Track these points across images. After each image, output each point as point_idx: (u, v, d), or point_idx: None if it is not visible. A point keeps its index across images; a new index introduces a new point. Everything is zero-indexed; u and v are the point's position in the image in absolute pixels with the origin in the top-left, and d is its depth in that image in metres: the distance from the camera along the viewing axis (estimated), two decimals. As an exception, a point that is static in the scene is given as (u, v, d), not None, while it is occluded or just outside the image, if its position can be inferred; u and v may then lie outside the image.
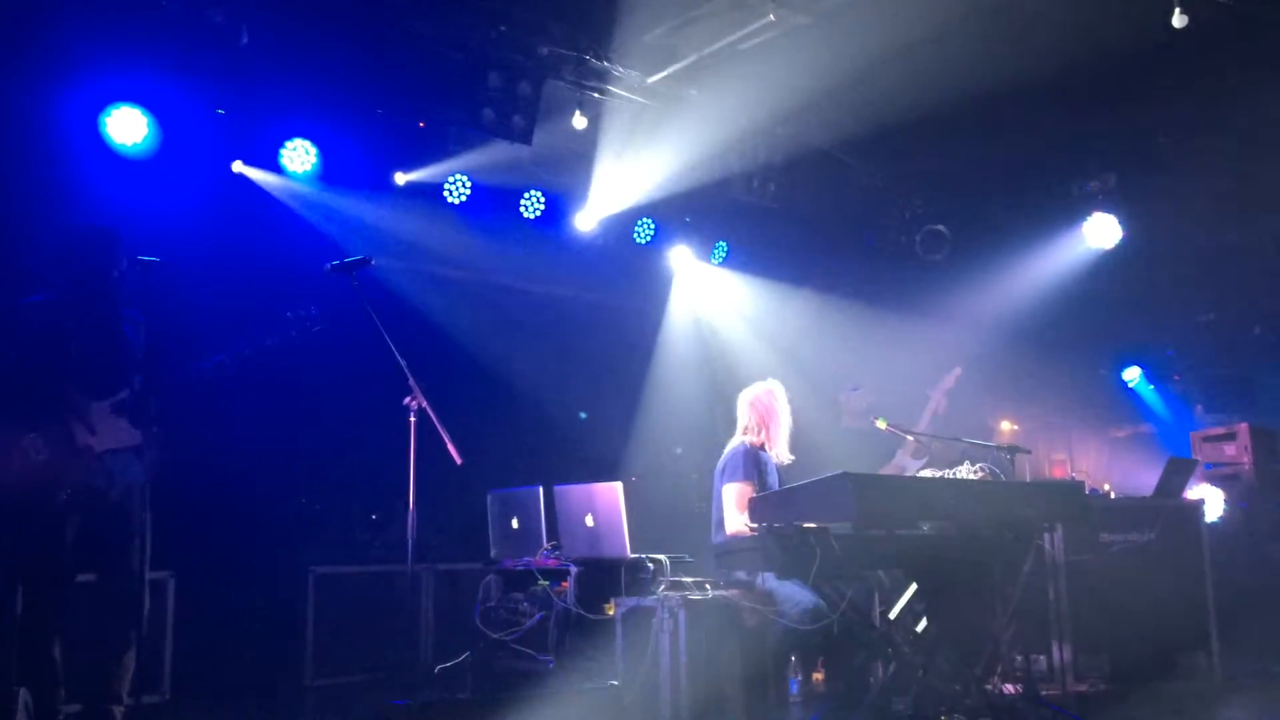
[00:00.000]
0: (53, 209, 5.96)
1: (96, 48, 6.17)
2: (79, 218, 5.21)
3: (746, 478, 5.49)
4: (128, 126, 6.44)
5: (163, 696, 6.11)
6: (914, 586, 5.25)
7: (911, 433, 6.53)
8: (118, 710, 4.70)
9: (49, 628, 4.66)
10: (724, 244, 9.29)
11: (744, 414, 5.85)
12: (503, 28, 6.95)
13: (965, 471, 5.62)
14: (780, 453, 5.73)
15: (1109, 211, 9.00)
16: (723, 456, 5.72)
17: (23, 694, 4.25)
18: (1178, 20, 6.28)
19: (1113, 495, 7.31)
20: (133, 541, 4.72)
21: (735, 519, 5.44)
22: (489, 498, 6.36)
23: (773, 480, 5.65)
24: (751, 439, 5.72)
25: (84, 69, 6.23)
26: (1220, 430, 8.83)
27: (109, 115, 6.40)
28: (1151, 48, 6.73)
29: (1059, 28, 6.65)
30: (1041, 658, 6.18)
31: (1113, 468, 10.49)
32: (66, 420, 4.68)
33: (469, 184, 7.85)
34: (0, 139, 6.04)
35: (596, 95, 7.54)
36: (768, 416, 5.76)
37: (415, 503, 5.04)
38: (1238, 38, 6.80)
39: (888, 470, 7.33)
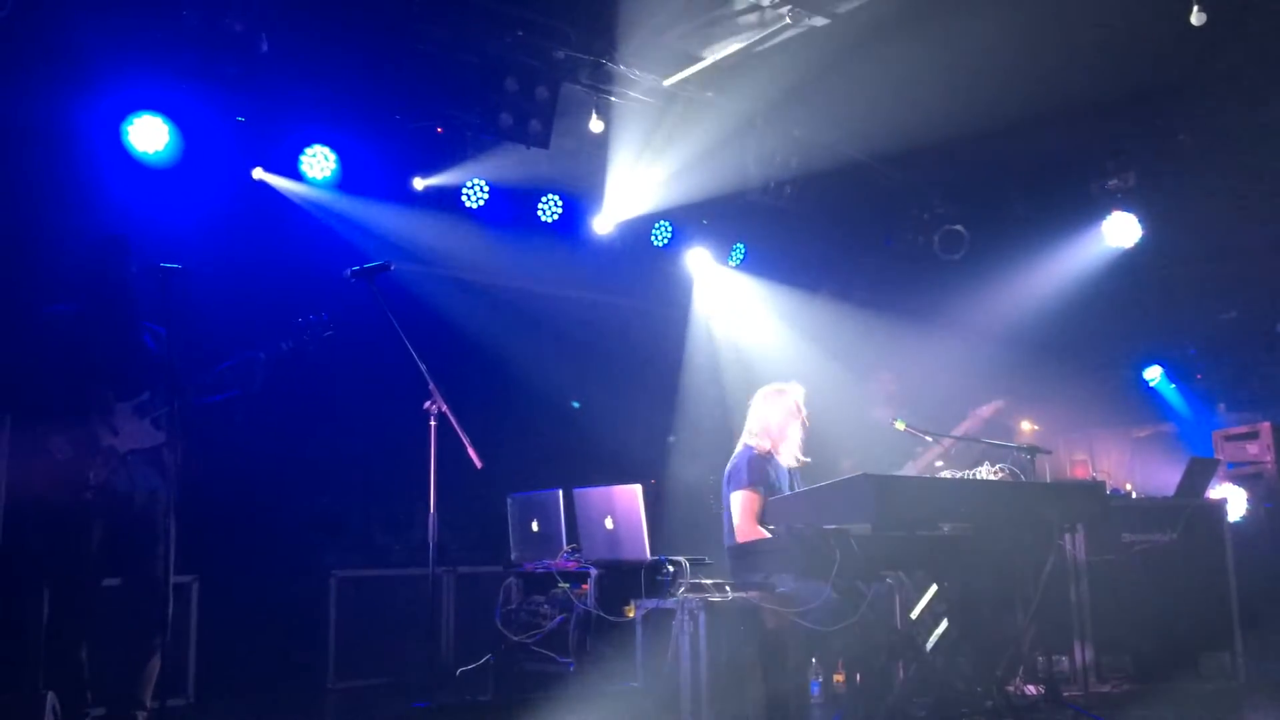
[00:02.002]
0: (76, 217, 6.02)
1: (117, 57, 6.22)
2: (102, 226, 5.26)
3: (752, 484, 5.46)
4: (149, 135, 6.50)
5: (187, 699, 6.17)
6: (934, 587, 5.24)
7: (929, 433, 6.50)
8: (141, 714, 4.75)
9: (76, 631, 4.72)
10: (741, 246, 9.29)
11: (754, 415, 5.77)
12: (519, 33, 6.97)
13: (985, 472, 5.60)
14: (788, 458, 5.67)
15: (1129, 210, 8.95)
16: (730, 462, 5.69)
17: (50, 697, 4.28)
18: (1196, 18, 6.25)
19: (1134, 495, 7.27)
20: (157, 547, 4.78)
21: (745, 526, 5.42)
22: (509, 501, 6.38)
23: (782, 484, 5.59)
24: (758, 442, 5.65)
25: (105, 78, 6.29)
26: (1242, 429, 8.77)
27: (130, 124, 6.47)
28: (1171, 45, 6.70)
29: (1078, 26, 6.62)
30: (1064, 658, 6.16)
31: (1134, 467, 10.40)
32: (90, 421, 4.75)
33: (487, 188, 7.89)
34: (25, 148, 6.11)
35: (613, 99, 7.56)
36: (778, 420, 5.69)
37: (436, 506, 5.08)
38: (1257, 34, 6.76)
39: (914, 470, 7.30)
